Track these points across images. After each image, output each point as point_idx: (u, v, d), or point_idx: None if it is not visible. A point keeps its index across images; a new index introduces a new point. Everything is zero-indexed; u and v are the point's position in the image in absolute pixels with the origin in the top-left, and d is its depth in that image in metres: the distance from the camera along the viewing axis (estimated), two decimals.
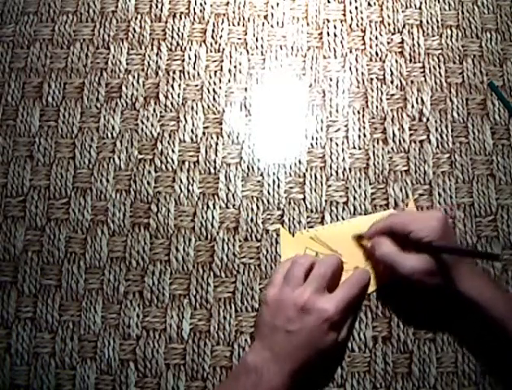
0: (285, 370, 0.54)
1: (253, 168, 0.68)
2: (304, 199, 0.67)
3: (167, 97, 0.71)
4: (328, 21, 0.74)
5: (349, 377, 0.62)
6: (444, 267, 0.56)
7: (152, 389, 0.62)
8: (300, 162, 0.68)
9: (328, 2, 0.75)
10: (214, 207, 0.67)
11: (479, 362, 0.62)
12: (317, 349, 0.55)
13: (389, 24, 0.74)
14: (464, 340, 0.62)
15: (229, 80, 0.71)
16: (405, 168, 0.68)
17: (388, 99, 0.71)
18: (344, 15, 0.74)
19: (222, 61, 0.72)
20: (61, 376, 0.62)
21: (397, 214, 0.64)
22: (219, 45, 0.73)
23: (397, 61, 0.72)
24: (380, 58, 0.72)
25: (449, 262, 0.57)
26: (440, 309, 0.62)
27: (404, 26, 0.74)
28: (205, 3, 0.74)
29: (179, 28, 0.74)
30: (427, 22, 0.74)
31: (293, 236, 0.65)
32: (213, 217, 0.66)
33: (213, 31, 0.73)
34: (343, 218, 0.66)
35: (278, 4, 0.74)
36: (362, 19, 0.74)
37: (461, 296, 0.57)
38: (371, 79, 0.71)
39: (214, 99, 0.71)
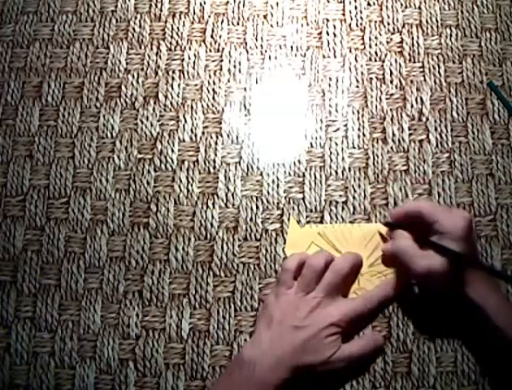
0: (283, 365, 0.53)
1: (252, 168, 0.68)
2: (303, 198, 0.67)
3: (166, 97, 0.71)
4: (328, 21, 0.74)
5: None
6: (457, 270, 0.56)
7: (151, 388, 0.62)
8: (299, 161, 0.68)
9: (328, 1, 0.75)
10: (214, 207, 0.67)
11: (478, 365, 0.61)
12: (319, 354, 0.54)
13: (389, 24, 0.74)
14: (465, 343, 0.62)
15: (229, 80, 0.71)
16: (405, 168, 0.68)
17: (387, 99, 0.71)
18: (343, 14, 0.74)
19: (221, 60, 0.72)
20: (60, 376, 0.62)
21: (426, 201, 0.63)
22: (219, 44, 0.73)
23: (396, 60, 0.72)
24: (380, 58, 0.72)
25: (464, 266, 0.56)
26: (445, 311, 0.61)
27: (403, 26, 0.74)
28: (204, 3, 0.74)
29: (178, 28, 0.74)
30: (427, 22, 0.74)
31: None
32: (212, 216, 0.66)
33: (212, 30, 0.73)
34: (342, 218, 0.66)
35: (277, 4, 0.74)
36: (361, 18, 0.74)
37: (467, 300, 0.56)
38: (371, 78, 0.71)
39: (213, 99, 0.71)
